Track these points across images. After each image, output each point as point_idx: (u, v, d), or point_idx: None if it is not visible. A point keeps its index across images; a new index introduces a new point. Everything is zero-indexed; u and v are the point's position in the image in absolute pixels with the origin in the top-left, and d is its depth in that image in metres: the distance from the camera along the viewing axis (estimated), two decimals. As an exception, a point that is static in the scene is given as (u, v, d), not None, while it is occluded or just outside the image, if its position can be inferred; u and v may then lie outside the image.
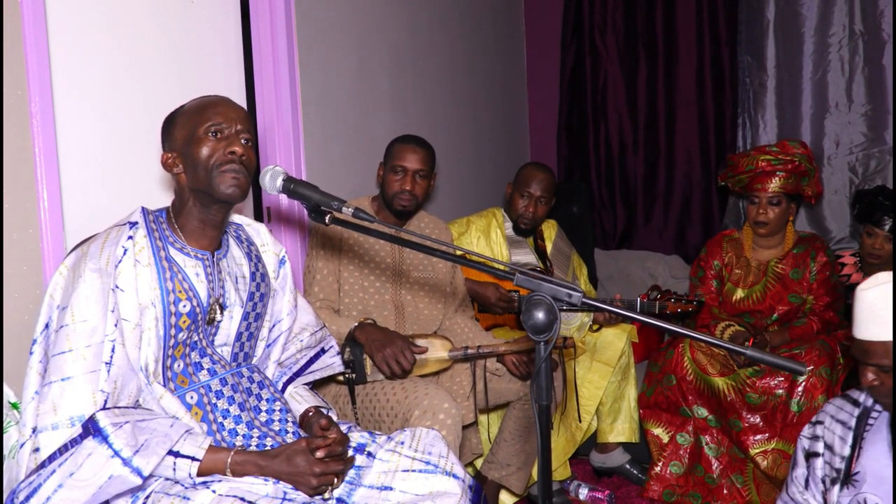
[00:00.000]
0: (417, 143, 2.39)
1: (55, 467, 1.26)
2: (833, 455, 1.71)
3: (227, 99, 1.54)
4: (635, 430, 2.86)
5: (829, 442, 1.72)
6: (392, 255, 2.37)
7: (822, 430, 1.75)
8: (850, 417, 1.71)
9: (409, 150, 2.35)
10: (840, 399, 1.77)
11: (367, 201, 2.44)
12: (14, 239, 1.60)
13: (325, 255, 2.30)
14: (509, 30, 4.49)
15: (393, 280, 2.36)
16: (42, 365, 1.36)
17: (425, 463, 1.51)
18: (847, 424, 1.70)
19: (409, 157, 2.34)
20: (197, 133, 1.47)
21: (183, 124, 1.50)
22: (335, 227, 1.48)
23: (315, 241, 2.33)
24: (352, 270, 2.32)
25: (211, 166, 1.46)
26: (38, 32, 1.62)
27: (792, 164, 2.70)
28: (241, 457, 1.39)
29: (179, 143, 1.49)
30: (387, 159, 2.41)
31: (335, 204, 1.36)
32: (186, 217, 1.51)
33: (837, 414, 1.74)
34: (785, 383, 2.55)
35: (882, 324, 1.52)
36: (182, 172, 1.49)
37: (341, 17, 2.76)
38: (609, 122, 4.40)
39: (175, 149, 1.50)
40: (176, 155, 1.50)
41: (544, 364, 1.23)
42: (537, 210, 2.89)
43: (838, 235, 3.89)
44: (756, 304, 2.80)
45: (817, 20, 3.83)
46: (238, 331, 1.57)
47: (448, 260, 1.77)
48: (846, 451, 1.68)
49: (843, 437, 1.70)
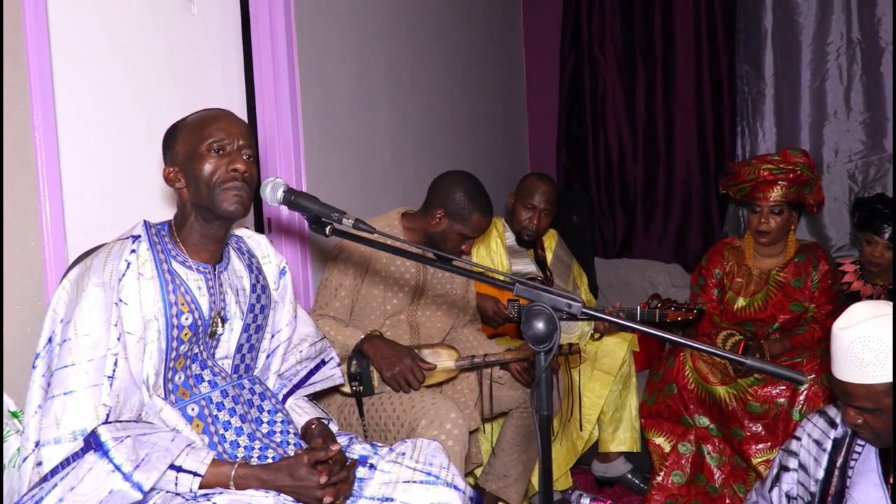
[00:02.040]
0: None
1: (57, 481, 1.26)
2: (807, 476, 1.67)
3: (229, 113, 1.54)
4: (637, 440, 2.85)
5: (803, 461, 1.69)
6: (417, 275, 2.34)
7: (799, 446, 1.72)
8: (824, 437, 1.67)
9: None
10: (817, 416, 1.73)
11: (396, 216, 2.37)
12: (16, 251, 1.61)
13: (351, 274, 2.25)
14: (508, 40, 4.50)
15: (411, 299, 2.34)
16: (45, 379, 1.36)
17: (426, 474, 1.51)
18: (822, 446, 1.66)
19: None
20: (199, 149, 1.47)
21: (184, 139, 1.49)
22: (365, 247, 1.48)
23: (340, 259, 2.27)
24: (374, 293, 2.27)
25: (213, 184, 1.45)
26: (41, 45, 1.63)
27: (794, 174, 2.69)
28: (245, 470, 1.39)
29: (181, 158, 1.49)
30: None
31: (335, 215, 1.37)
32: (188, 231, 1.51)
33: (813, 432, 1.70)
34: (787, 392, 2.54)
35: (862, 366, 1.47)
36: (184, 187, 1.49)
37: (341, 29, 2.77)
38: (608, 131, 4.41)
39: (177, 163, 1.50)
40: (178, 169, 1.50)
41: (544, 374, 1.23)
42: (540, 222, 2.91)
43: (838, 243, 3.89)
44: (758, 312, 2.80)
45: (815, 29, 3.85)
46: (238, 342, 1.57)
47: (449, 271, 1.77)
48: (820, 474, 1.64)
49: (818, 458, 1.66)
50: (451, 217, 2.26)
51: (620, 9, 4.31)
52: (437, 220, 2.27)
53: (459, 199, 2.25)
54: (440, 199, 2.28)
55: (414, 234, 2.34)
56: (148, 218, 1.56)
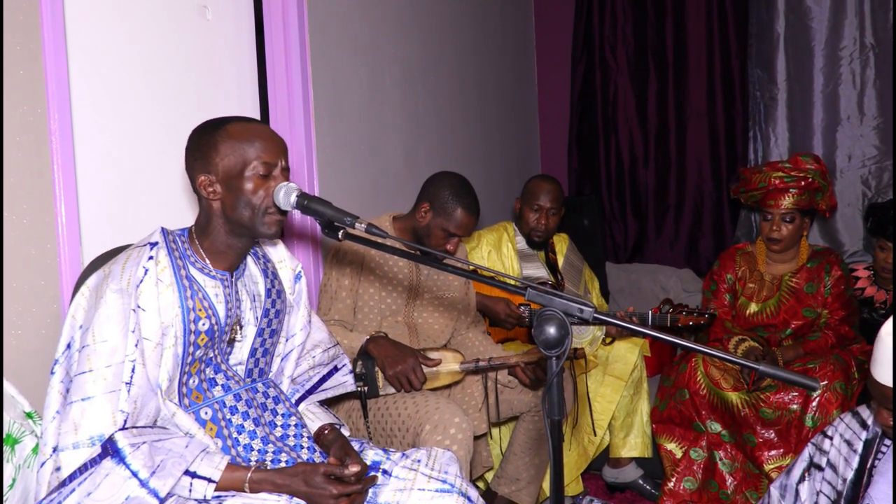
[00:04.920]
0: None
1: (75, 486, 1.27)
2: (835, 475, 1.67)
3: (271, 130, 1.51)
4: (648, 445, 2.84)
5: (832, 460, 1.68)
6: (410, 276, 2.37)
7: (830, 445, 1.72)
8: (856, 439, 1.67)
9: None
10: (850, 416, 1.73)
11: (388, 219, 2.41)
12: (32, 254, 1.62)
13: (349, 274, 2.28)
14: (520, 44, 4.51)
15: (407, 300, 2.36)
16: (63, 385, 1.37)
17: (441, 482, 1.53)
18: (853, 446, 1.67)
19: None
20: (245, 169, 1.44)
21: (227, 153, 1.44)
22: (358, 245, 1.48)
23: (336, 260, 2.31)
24: (371, 292, 2.30)
25: (257, 208, 1.44)
26: (58, 49, 1.65)
27: (805, 181, 2.67)
28: (259, 475, 1.40)
29: (222, 171, 1.45)
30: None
31: (348, 219, 1.37)
32: (213, 239, 1.50)
33: (845, 433, 1.70)
34: (799, 398, 2.53)
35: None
36: (218, 199, 1.46)
37: (354, 34, 2.79)
38: (619, 135, 4.40)
39: (215, 174, 1.45)
40: (216, 180, 1.46)
41: (556, 379, 1.23)
42: (549, 221, 2.93)
43: (851, 249, 3.86)
44: (770, 318, 2.78)
45: (828, 34, 3.83)
46: (252, 347, 1.58)
47: (461, 276, 1.78)
48: (849, 474, 1.64)
49: (848, 458, 1.66)
50: (435, 211, 2.30)
51: (632, 12, 4.30)
52: (423, 213, 2.32)
53: (445, 195, 2.30)
54: (427, 194, 2.34)
55: (405, 234, 2.38)
56: (162, 221, 1.57)
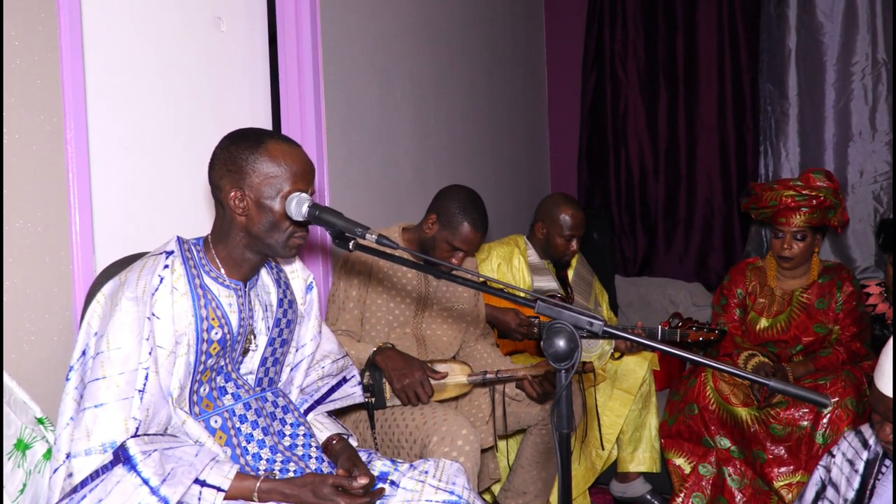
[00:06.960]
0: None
1: (86, 493, 1.28)
2: (837, 494, 1.66)
3: (306, 156, 1.51)
4: (656, 460, 2.83)
5: (835, 480, 1.68)
6: (418, 287, 2.36)
7: (833, 464, 1.71)
8: (857, 459, 1.66)
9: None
10: (853, 435, 1.72)
11: (397, 230, 2.41)
12: (45, 261, 1.64)
13: (357, 284, 2.28)
14: (530, 58, 4.53)
15: (415, 311, 2.36)
16: (78, 391, 1.38)
17: (449, 493, 1.53)
18: (854, 466, 1.66)
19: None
20: (281, 195, 1.44)
21: (267, 173, 1.43)
22: (367, 256, 1.49)
23: (344, 270, 2.31)
24: (378, 303, 2.30)
25: (284, 231, 1.46)
26: (75, 60, 1.68)
27: (817, 199, 2.65)
28: (268, 485, 1.41)
29: (256, 191, 1.44)
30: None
31: (359, 230, 1.37)
32: (230, 251, 1.50)
33: (847, 452, 1.69)
34: (810, 415, 2.51)
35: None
36: (245, 216, 1.46)
37: (365, 46, 2.81)
38: (629, 149, 4.41)
39: (248, 191, 1.44)
40: (247, 197, 1.44)
41: (565, 392, 1.23)
42: (577, 245, 2.95)
43: (863, 265, 3.84)
44: (780, 333, 2.77)
45: (839, 49, 3.83)
46: (263, 356, 1.59)
47: (471, 287, 1.78)
48: (850, 495, 1.63)
49: (850, 478, 1.65)
50: (441, 224, 2.29)
51: (643, 26, 4.32)
52: (430, 225, 2.32)
53: (453, 208, 2.29)
54: (436, 206, 2.34)
55: (413, 245, 2.38)
56: (175, 230, 1.58)
